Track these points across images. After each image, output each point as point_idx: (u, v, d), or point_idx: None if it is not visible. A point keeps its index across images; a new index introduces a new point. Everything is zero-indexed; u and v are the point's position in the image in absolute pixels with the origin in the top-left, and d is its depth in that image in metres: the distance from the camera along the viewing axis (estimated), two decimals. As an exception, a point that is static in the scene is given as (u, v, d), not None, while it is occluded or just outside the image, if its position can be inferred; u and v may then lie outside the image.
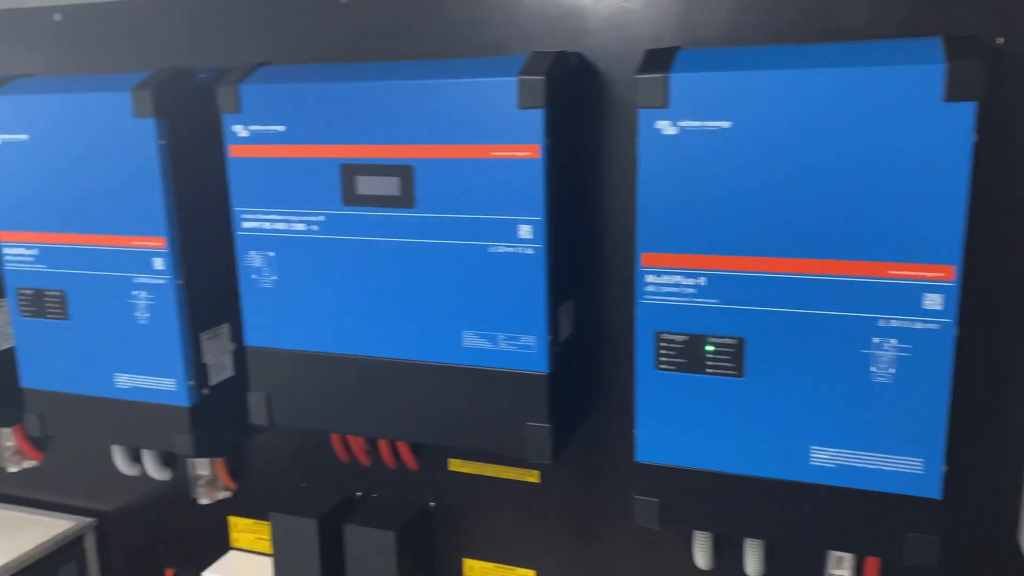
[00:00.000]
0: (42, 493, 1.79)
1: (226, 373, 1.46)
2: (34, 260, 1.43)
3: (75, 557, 1.68)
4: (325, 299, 1.26)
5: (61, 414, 1.47)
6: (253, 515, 1.59)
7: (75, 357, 1.43)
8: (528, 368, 1.17)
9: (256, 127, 1.24)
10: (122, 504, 1.71)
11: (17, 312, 1.45)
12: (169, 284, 1.35)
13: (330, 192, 1.22)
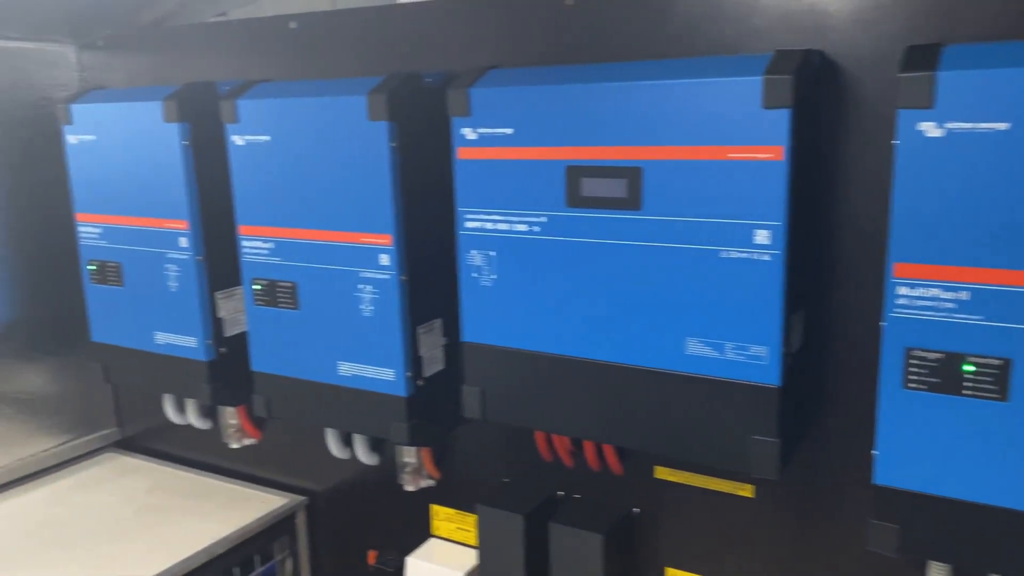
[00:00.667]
0: (258, 469, 1.93)
1: (438, 366, 1.51)
2: (269, 253, 1.53)
3: (287, 532, 1.80)
4: (544, 299, 1.28)
5: (286, 397, 1.57)
6: (454, 505, 1.64)
7: (302, 345, 1.53)
8: (758, 380, 1.13)
9: (485, 130, 1.27)
10: (331, 485, 1.81)
11: (251, 301, 1.57)
12: (393, 280, 1.41)
13: (554, 193, 1.23)
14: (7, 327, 1.88)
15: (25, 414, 1.93)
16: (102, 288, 1.77)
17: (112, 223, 1.73)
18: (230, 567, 1.66)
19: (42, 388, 1.96)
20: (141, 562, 1.56)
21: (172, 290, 1.68)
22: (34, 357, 1.94)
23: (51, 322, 1.97)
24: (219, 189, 1.62)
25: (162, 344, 1.72)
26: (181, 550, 1.59)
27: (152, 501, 1.83)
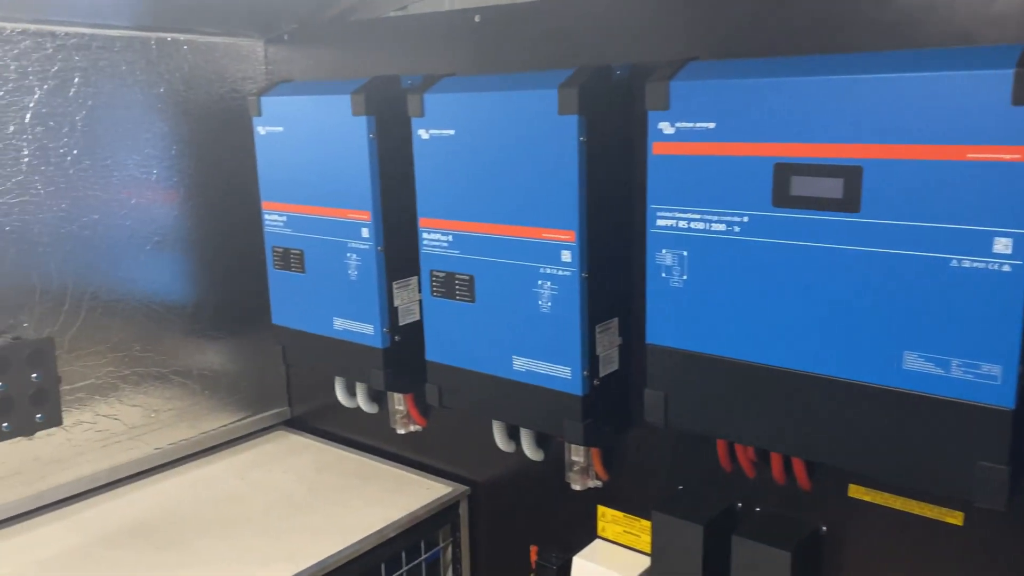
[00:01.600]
0: (422, 456, 1.96)
1: (612, 367, 1.48)
2: (448, 246, 1.54)
3: (450, 521, 1.82)
4: (740, 303, 1.22)
5: (458, 388, 1.58)
6: (622, 508, 1.61)
7: (477, 337, 1.53)
8: (988, 401, 1.03)
9: (684, 124, 1.22)
10: (494, 476, 1.82)
11: (428, 292, 1.59)
12: (574, 276, 1.39)
13: (759, 192, 1.17)
14: (196, 306, 2.00)
15: (208, 390, 2.05)
16: (284, 274, 1.85)
17: (296, 212, 1.80)
18: (399, 551, 1.69)
19: (223, 366, 2.08)
20: (317, 541, 1.62)
21: (352, 278, 1.72)
22: (218, 336, 2.05)
23: (234, 304, 2.08)
24: (400, 182, 1.65)
25: (339, 330, 1.78)
26: (355, 532, 1.64)
27: (323, 480, 1.90)
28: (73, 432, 1.79)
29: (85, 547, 1.61)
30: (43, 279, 1.71)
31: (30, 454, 1.73)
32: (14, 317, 1.67)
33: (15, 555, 1.58)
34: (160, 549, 1.60)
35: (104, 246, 1.81)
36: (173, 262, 1.95)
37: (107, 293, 1.82)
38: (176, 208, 1.94)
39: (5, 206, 1.64)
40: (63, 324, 1.75)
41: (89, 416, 1.81)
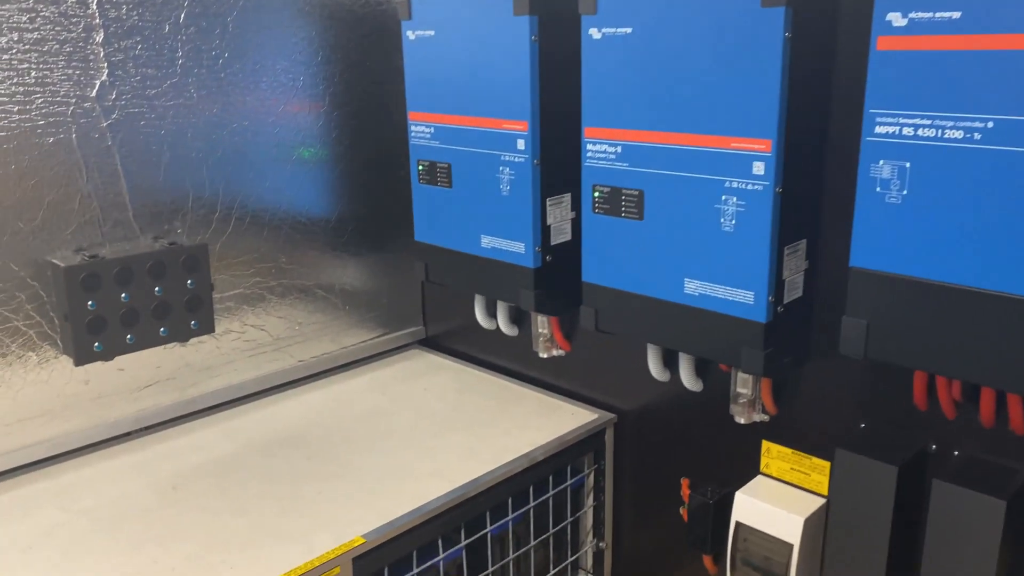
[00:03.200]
0: (562, 381, 1.90)
1: (796, 293, 1.36)
2: (616, 158, 1.43)
3: (595, 448, 1.76)
4: (967, 222, 1.07)
5: (617, 311, 1.49)
6: (792, 444, 1.50)
7: (643, 258, 1.43)
8: None
9: (920, 14, 1.06)
10: (642, 405, 1.74)
11: (590, 208, 1.49)
12: (767, 192, 1.26)
13: (1011, 94, 1.01)
14: (339, 220, 1.96)
15: (349, 305, 2.03)
16: (429, 188, 1.78)
17: (445, 123, 1.71)
18: (546, 475, 1.64)
19: (363, 282, 2.05)
20: (467, 459, 1.58)
21: (503, 193, 1.64)
22: (359, 252, 2.02)
23: (376, 220, 2.04)
24: (561, 89, 1.54)
25: (487, 248, 1.70)
26: (504, 453, 1.60)
27: (465, 400, 1.86)
28: (223, 340, 1.79)
29: (238, 454, 1.62)
30: (196, 185, 1.70)
31: (182, 360, 1.74)
32: (169, 223, 1.67)
33: (171, 459, 1.61)
34: (310, 459, 1.60)
35: (252, 154, 1.78)
36: (317, 174, 1.91)
37: (255, 202, 1.80)
38: (322, 117, 1.88)
39: (161, 108, 1.62)
40: (214, 232, 1.74)
41: (238, 325, 1.82)
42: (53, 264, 1.50)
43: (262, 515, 1.41)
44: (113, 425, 1.66)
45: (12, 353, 1.51)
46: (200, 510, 1.42)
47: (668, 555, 1.74)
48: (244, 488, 1.49)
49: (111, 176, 1.57)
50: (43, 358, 1.54)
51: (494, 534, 1.57)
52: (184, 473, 1.55)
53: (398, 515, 1.39)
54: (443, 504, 1.44)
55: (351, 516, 1.40)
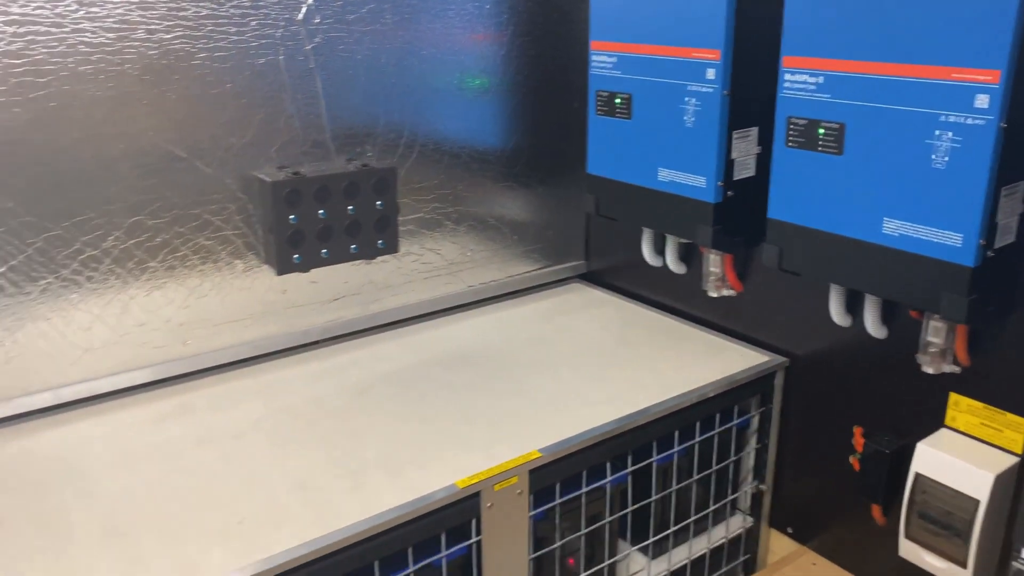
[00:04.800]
0: (730, 322, 1.87)
1: (1009, 238, 1.28)
2: (816, 89, 1.38)
3: (763, 391, 1.73)
4: None
5: (805, 250, 1.45)
6: (984, 398, 1.43)
7: (839, 195, 1.38)
8: None
9: None
10: (818, 350, 1.69)
11: (782, 142, 1.44)
12: (990, 126, 1.18)
13: None
14: (513, 151, 2.00)
15: (517, 235, 2.07)
16: (607, 120, 1.78)
17: (628, 52, 1.69)
18: (712, 412, 1.64)
19: (532, 214, 2.08)
20: (635, 390, 1.60)
21: (687, 125, 1.61)
22: (529, 184, 2.05)
23: (548, 152, 2.06)
24: (755, 16, 1.49)
25: (664, 181, 1.69)
26: (673, 387, 1.61)
27: (630, 334, 1.88)
28: (403, 261, 1.88)
29: (418, 367, 1.71)
30: (386, 111, 1.77)
31: (367, 278, 1.84)
32: (361, 145, 1.75)
33: (357, 367, 1.71)
34: (485, 376, 1.67)
35: (437, 82, 1.83)
36: (496, 104, 1.94)
37: (437, 130, 1.85)
38: (504, 47, 1.91)
39: (358, 33, 1.68)
40: (400, 157, 1.81)
41: (417, 248, 1.90)
42: (260, 179, 1.61)
43: (444, 423, 1.49)
44: (305, 333, 1.78)
45: (222, 260, 1.64)
46: (387, 414, 1.52)
47: (830, 503, 1.71)
48: (426, 398, 1.58)
49: (312, 98, 1.66)
50: (248, 266, 1.67)
51: (659, 464, 1.59)
52: (370, 380, 1.65)
53: (572, 434, 1.44)
54: (614, 429, 1.47)
55: (527, 431, 1.45)
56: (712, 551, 1.75)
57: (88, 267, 1.49)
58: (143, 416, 1.52)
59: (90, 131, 1.44)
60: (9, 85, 1.35)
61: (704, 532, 1.75)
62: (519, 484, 1.36)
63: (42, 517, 1.22)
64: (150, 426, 1.48)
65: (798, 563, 1.74)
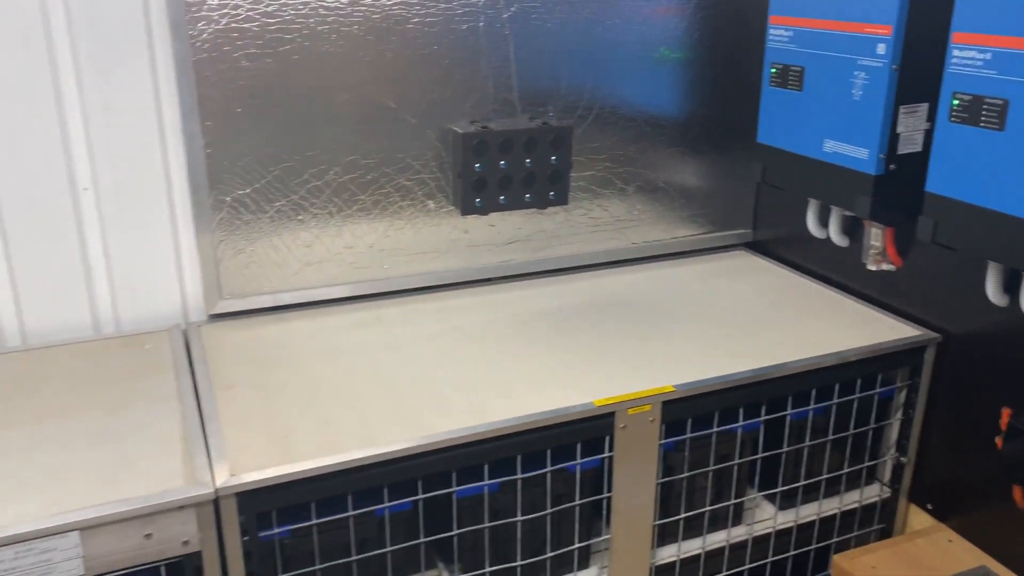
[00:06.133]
0: (889, 297, 1.90)
1: None
2: (983, 65, 1.39)
3: (912, 363, 1.76)
4: None
5: (962, 224, 1.47)
6: None
7: (1002, 170, 1.39)
8: None
9: None
10: (973, 329, 1.69)
11: (946, 117, 1.47)
12: None
13: None
14: (687, 120, 2.11)
15: (684, 199, 2.19)
16: (779, 91, 1.85)
17: (805, 26, 1.76)
18: (853, 377, 1.70)
19: (701, 180, 2.19)
20: (776, 347, 1.69)
21: (855, 98, 1.66)
22: (700, 151, 2.16)
23: (721, 121, 2.15)
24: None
25: (829, 152, 1.75)
26: (814, 347, 1.68)
27: (784, 300, 1.95)
28: (572, 214, 2.07)
29: (578, 307, 1.90)
30: (569, 76, 1.95)
31: (538, 226, 2.05)
32: (543, 106, 1.95)
33: (523, 303, 1.93)
34: (637, 322, 1.82)
35: (620, 52, 1.98)
36: (674, 74, 2.06)
37: (615, 96, 2.01)
38: (686, 19, 2.03)
39: (550, 3, 1.88)
40: (578, 119, 1.99)
41: (586, 203, 2.08)
42: (454, 131, 1.85)
43: (590, 355, 1.66)
44: (480, 270, 2.02)
45: (417, 199, 1.91)
46: (542, 342, 1.72)
47: (973, 483, 1.71)
48: (578, 333, 1.76)
49: (504, 62, 1.88)
50: (438, 206, 1.93)
51: (793, 419, 1.68)
52: (531, 315, 1.86)
53: (706, 377, 1.56)
54: (748, 378, 1.58)
55: (664, 371, 1.59)
56: (843, 513, 1.80)
57: (313, 195, 1.81)
58: (344, 322, 1.82)
59: (322, 81, 1.74)
60: (264, 40, 1.67)
61: (836, 495, 1.81)
62: (652, 412, 1.51)
63: (264, 386, 1.54)
64: (349, 330, 1.78)
65: (934, 537, 1.76)
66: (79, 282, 1.71)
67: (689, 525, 1.66)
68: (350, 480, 1.32)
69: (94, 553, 1.17)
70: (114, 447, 1.32)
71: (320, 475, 1.29)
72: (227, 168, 1.72)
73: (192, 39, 1.61)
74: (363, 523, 1.37)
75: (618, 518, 1.55)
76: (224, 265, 1.78)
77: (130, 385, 1.52)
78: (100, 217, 1.69)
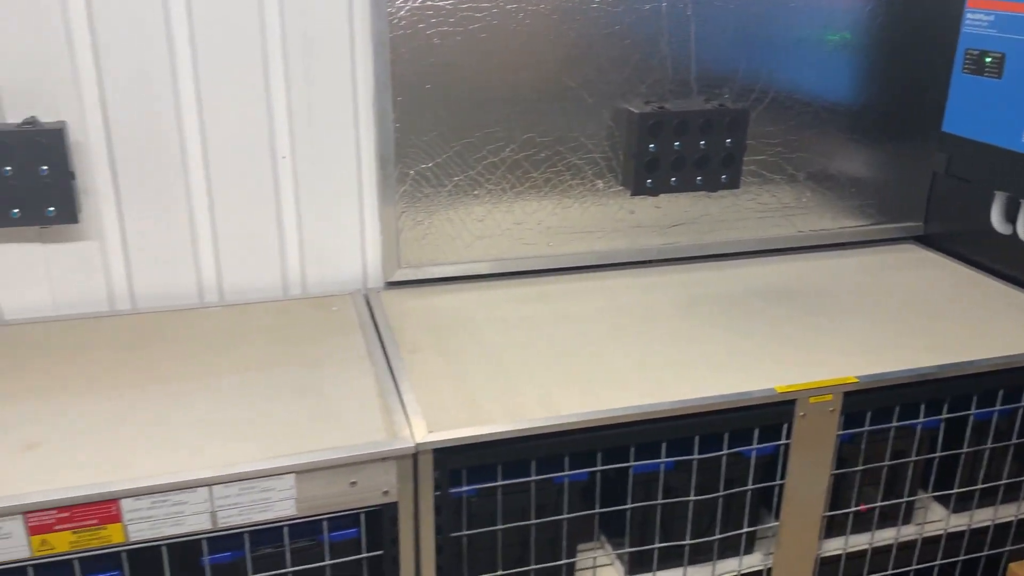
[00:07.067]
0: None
1: None
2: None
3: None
4: None
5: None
6: None
7: None
8: None
9: None
10: None
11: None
12: None
13: None
14: (864, 107, 2.05)
15: (855, 188, 2.13)
16: (973, 79, 1.77)
17: (1008, 10, 1.67)
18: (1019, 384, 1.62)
19: (873, 170, 2.13)
20: (960, 343, 1.63)
21: (1065, 87, 1.58)
22: (876, 140, 2.09)
23: (900, 109, 2.08)
24: None
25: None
26: (1004, 346, 1.61)
27: (964, 296, 1.87)
28: (740, 198, 2.05)
29: (744, 293, 1.88)
30: (749, 58, 1.92)
31: (705, 210, 2.04)
32: (720, 87, 1.93)
33: (687, 287, 1.92)
34: (806, 312, 1.79)
35: (801, 34, 1.94)
36: (855, 58, 2.00)
37: (793, 80, 1.97)
38: (870, 3, 1.96)
39: (734, -14, 1.86)
40: (754, 102, 1.96)
41: (755, 188, 2.05)
42: (629, 111, 1.86)
43: (763, 340, 1.65)
44: (643, 251, 2.03)
45: (587, 178, 1.93)
46: (710, 325, 1.72)
47: None
48: (747, 319, 1.75)
49: (683, 42, 1.87)
50: (607, 185, 1.95)
51: (977, 419, 1.62)
52: (696, 298, 1.85)
53: (889, 370, 1.52)
54: (933, 373, 1.53)
55: (842, 360, 1.56)
56: (1020, 521, 1.73)
57: (489, 171, 1.86)
58: (511, 296, 1.87)
59: (506, 59, 1.78)
60: (457, 18, 1.72)
61: (1014, 501, 1.73)
62: (833, 402, 1.49)
63: (445, 352, 1.60)
64: (517, 304, 1.83)
65: (1121, 557, 1.66)
66: (273, 245, 1.82)
67: (858, 519, 1.62)
68: (535, 446, 1.37)
69: (305, 495, 1.26)
70: (317, 399, 1.42)
71: (509, 439, 1.34)
72: (413, 143, 1.79)
73: (391, 16, 1.69)
74: (543, 489, 1.42)
75: (789, 506, 1.54)
76: (404, 235, 1.86)
77: (323, 343, 1.62)
78: (295, 185, 1.80)
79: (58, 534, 1.17)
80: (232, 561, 1.28)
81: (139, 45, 1.61)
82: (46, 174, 1.57)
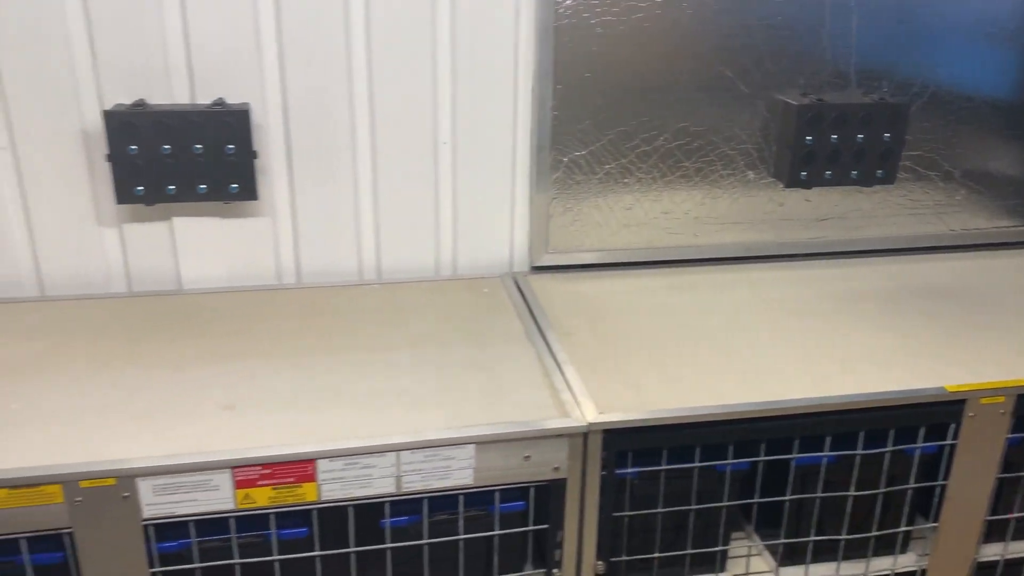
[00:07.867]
0: None
1: None
2: None
3: None
4: None
5: None
6: None
7: None
8: None
9: None
10: None
11: None
12: None
13: None
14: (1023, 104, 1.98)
15: (1012, 188, 2.06)
16: None
17: None
18: None
19: None
20: None
21: None
22: (1040, 136, 2.03)
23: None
24: None
25: None
26: None
27: None
28: (892, 194, 2.01)
29: (897, 290, 1.85)
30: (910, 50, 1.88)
31: (855, 204, 2.01)
32: (879, 80, 1.90)
33: (837, 281, 1.90)
34: (966, 311, 1.75)
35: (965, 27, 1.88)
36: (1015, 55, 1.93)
37: (955, 74, 1.92)
38: (1044, -7, 1.89)
39: (902, -24, 1.82)
40: (914, 95, 1.92)
41: (908, 184, 2.00)
42: (786, 102, 1.85)
43: (926, 338, 1.62)
44: (790, 244, 2.02)
45: (738, 169, 1.92)
46: (867, 322, 1.69)
47: None
48: (908, 317, 1.72)
49: (845, 34, 1.84)
50: (757, 176, 1.94)
51: None
52: (848, 294, 1.83)
53: (1064, 374, 1.48)
54: (1113, 381, 1.48)
55: (1013, 361, 1.52)
56: None
57: (641, 159, 1.88)
58: (658, 284, 1.88)
59: (667, 48, 1.79)
60: (621, 7, 1.74)
61: None
62: (1005, 404, 1.45)
63: (600, 336, 1.63)
64: (664, 292, 1.84)
65: None
66: (429, 226, 1.89)
67: (1020, 525, 1.58)
68: (700, 433, 1.38)
69: (483, 466, 1.31)
70: (488, 375, 1.47)
71: (676, 424, 1.36)
72: (568, 130, 1.82)
73: (556, 4, 1.72)
74: (705, 476, 1.44)
75: (950, 507, 1.51)
76: (553, 221, 1.89)
77: (481, 322, 1.67)
78: (453, 169, 1.85)
79: (260, 489, 1.25)
80: (409, 525, 1.35)
81: (318, 34, 1.69)
82: (232, 152, 1.67)
